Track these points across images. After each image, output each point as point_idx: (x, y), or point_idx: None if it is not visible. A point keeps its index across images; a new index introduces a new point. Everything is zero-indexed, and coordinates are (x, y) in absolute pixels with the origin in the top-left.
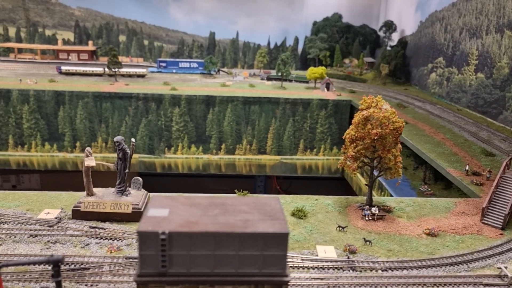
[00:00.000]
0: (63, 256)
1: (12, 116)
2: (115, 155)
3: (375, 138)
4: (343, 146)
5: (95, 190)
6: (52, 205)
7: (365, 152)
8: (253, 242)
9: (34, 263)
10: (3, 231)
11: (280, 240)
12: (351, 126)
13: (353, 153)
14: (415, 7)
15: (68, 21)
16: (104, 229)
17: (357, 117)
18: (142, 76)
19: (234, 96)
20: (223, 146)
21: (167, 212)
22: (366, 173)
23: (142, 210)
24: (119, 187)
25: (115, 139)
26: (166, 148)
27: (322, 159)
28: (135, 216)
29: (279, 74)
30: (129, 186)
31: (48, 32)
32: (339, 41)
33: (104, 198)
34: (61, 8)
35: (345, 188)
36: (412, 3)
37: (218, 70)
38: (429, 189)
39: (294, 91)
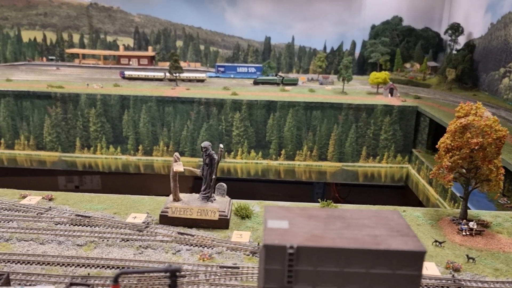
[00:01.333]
0: (181, 266)
1: (80, 119)
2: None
3: (475, 148)
4: (435, 155)
5: (181, 195)
6: (137, 209)
7: (462, 162)
8: (386, 260)
9: (152, 272)
10: (96, 234)
11: (415, 259)
12: (445, 135)
13: (449, 163)
14: (485, 9)
15: (128, 27)
16: (193, 235)
17: (453, 125)
18: (201, 81)
19: (295, 101)
20: (283, 151)
21: (286, 224)
22: (437, 183)
23: (228, 217)
24: (205, 193)
25: (202, 145)
26: (226, 153)
27: (385, 167)
28: (221, 223)
29: (269, 77)
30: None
31: (109, 38)
32: (400, 45)
33: (190, 204)
34: (122, 15)
35: (408, 198)
36: (481, 4)
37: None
38: (509, 201)
39: (356, 96)
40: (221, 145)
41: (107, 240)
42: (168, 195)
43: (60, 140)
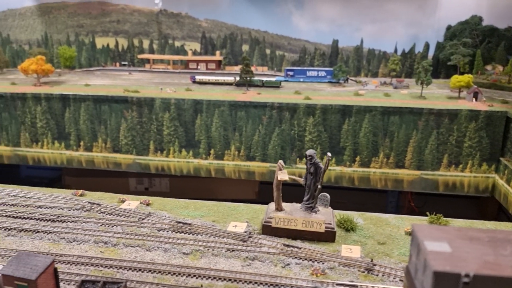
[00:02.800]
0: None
1: (154, 123)
2: (248, 163)
3: None
4: None
5: (282, 205)
6: (234, 218)
7: None
8: None
9: None
10: (200, 243)
11: None
12: None
13: None
14: None
15: (196, 32)
16: (300, 248)
17: None
18: (276, 86)
19: (372, 105)
20: (357, 158)
21: (447, 246)
22: None
23: (334, 229)
24: (308, 203)
25: (307, 153)
26: (298, 159)
27: (469, 176)
28: (327, 236)
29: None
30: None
31: (177, 44)
32: (480, 46)
33: (293, 214)
34: (190, 20)
35: (494, 210)
36: None
37: (347, 79)
38: None
39: (436, 100)
40: (329, 154)
41: (212, 250)
42: (232, 200)
43: (135, 143)
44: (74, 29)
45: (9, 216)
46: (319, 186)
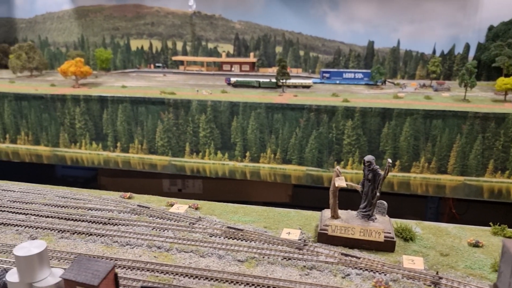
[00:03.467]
0: None
1: (190, 125)
2: (284, 166)
3: None
4: None
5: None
6: (286, 224)
7: None
8: None
9: None
10: (254, 250)
11: None
12: None
13: None
14: None
15: (229, 34)
16: (359, 258)
17: None
18: (307, 87)
19: (414, 109)
20: (397, 162)
21: None
22: None
23: (394, 239)
24: (365, 211)
25: (365, 159)
26: (336, 162)
27: None
28: (387, 245)
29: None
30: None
31: (210, 45)
32: None
33: (350, 222)
34: (223, 22)
35: None
36: None
37: (385, 81)
38: None
39: (481, 104)
40: (389, 160)
41: (268, 257)
42: (265, 203)
43: (171, 145)
44: (109, 32)
45: (62, 218)
46: (378, 194)
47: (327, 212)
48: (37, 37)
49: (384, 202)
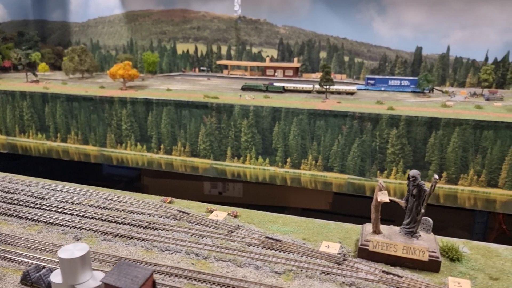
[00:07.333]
0: None
1: (232, 129)
2: (325, 173)
3: None
4: None
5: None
6: (325, 236)
7: None
8: None
9: None
10: (292, 262)
11: None
12: None
13: None
14: None
15: (273, 39)
16: (401, 277)
17: None
18: (351, 93)
19: (463, 118)
20: (444, 174)
21: None
22: None
23: (439, 258)
24: (408, 228)
25: (410, 173)
26: (379, 171)
27: None
28: (431, 265)
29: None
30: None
31: (254, 50)
32: None
33: (392, 238)
34: (268, 27)
35: None
36: None
37: (432, 89)
38: None
39: None
40: (436, 176)
41: (306, 271)
42: (304, 209)
43: (213, 149)
44: (157, 36)
45: (105, 220)
46: (423, 211)
47: (368, 227)
48: (89, 41)
49: (430, 219)
